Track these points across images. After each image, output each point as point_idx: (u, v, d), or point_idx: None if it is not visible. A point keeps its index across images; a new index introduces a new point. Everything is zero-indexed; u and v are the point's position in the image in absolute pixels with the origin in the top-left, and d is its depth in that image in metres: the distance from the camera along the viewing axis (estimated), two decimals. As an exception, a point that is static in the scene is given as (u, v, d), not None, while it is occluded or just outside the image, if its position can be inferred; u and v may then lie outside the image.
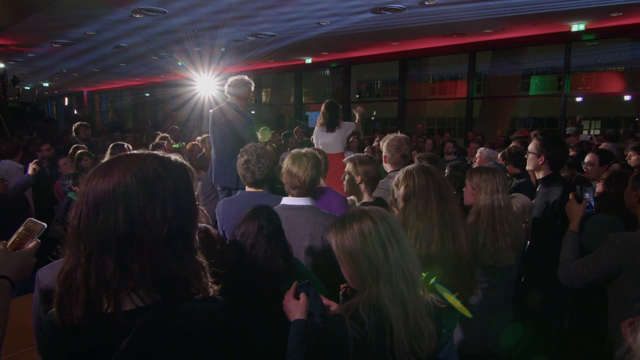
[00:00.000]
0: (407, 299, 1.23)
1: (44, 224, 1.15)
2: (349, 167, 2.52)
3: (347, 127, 4.77)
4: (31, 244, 1.12)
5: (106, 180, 0.86)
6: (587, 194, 2.30)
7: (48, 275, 1.82)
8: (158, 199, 0.88)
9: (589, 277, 2.00)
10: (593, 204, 2.34)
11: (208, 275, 0.95)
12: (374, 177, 2.51)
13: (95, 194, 0.86)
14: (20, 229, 1.12)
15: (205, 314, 0.91)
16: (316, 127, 4.83)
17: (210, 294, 0.94)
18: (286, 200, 2.21)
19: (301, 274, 1.75)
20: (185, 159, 1.00)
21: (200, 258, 0.95)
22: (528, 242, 2.90)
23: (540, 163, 2.63)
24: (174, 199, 0.90)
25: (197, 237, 0.97)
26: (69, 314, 0.85)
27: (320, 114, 4.77)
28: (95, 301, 0.84)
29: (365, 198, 2.54)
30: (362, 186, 2.51)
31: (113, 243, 0.84)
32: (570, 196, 2.28)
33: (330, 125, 4.69)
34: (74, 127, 6.37)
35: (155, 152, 0.95)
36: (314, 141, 4.86)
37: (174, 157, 0.96)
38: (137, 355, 0.85)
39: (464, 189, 2.26)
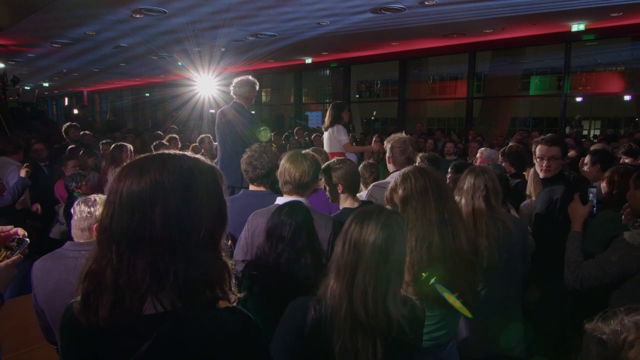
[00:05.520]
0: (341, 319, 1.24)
1: (27, 239, 1.14)
2: (324, 178, 2.43)
3: (337, 130, 4.67)
4: (14, 257, 1.10)
5: (143, 180, 0.84)
6: (591, 195, 2.29)
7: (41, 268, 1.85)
8: (194, 200, 0.86)
9: (602, 278, 1.95)
10: (596, 205, 2.33)
11: (232, 278, 0.93)
12: (352, 178, 2.44)
13: (130, 192, 0.83)
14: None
15: (225, 324, 0.89)
16: None
17: (232, 301, 0.92)
18: (280, 200, 2.20)
19: None
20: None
21: (226, 259, 0.93)
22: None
23: (564, 164, 2.69)
24: (208, 200, 0.89)
25: (224, 240, 0.95)
26: (94, 314, 0.83)
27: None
28: (123, 302, 0.82)
29: (349, 203, 2.44)
30: (346, 192, 2.44)
31: (147, 244, 0.82)
32: (575, 197, 2.27)
33: (329, 124, 4.71)
34: (63, 128, 6.34)
35: (184, 152, 0.94)
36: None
37: (201, 157, 0.94)
38: None
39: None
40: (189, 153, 0.94)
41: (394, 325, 1.24)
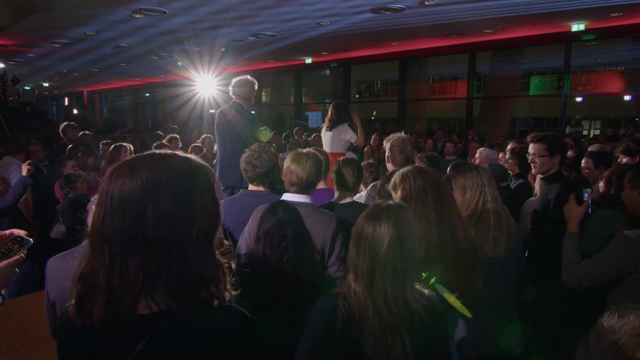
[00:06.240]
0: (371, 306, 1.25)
1: (31, 240, 1.14)
2: (345, 169, 2.59)
3: (343, 130, 4.70)
4: (15, 257, 1.10)
5: (134, 180, 0.83)
6: (586, 195, 2.29)
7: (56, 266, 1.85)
8: (186, 199, 0.86)
9: (600, 277, 1.95)
10: (591, 205, 2.34)
11: (226, 277, 0.93)
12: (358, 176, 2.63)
13: (121, 193, 0.83)
14: (7, 245, 1.12)
15: (221, 323, 0.89)
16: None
17: (227, 299, 0.91)
18: (286, 197, 2.23)
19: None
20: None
21: (220, 258, 0.93)
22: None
23: (556, 162, 2.66)
24: (201, 199, 0.88)
25: (218, 238, 0.94)
26: (88, 316, 0.83)
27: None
28: (116, 303, 0.82)
29: (339, 199, 2.58)
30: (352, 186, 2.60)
31: (139, 244, 0.82)
32: (570, 197, 2.27)
33: (331, 124, 4.72)
34: (61, 128, 6.34)
35: (177, 152, 0.93)
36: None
37: (194, 156, 0.94)
38: None
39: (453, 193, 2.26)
40: (180, 152, 0.93)
41: (415, 316, 1.27)
